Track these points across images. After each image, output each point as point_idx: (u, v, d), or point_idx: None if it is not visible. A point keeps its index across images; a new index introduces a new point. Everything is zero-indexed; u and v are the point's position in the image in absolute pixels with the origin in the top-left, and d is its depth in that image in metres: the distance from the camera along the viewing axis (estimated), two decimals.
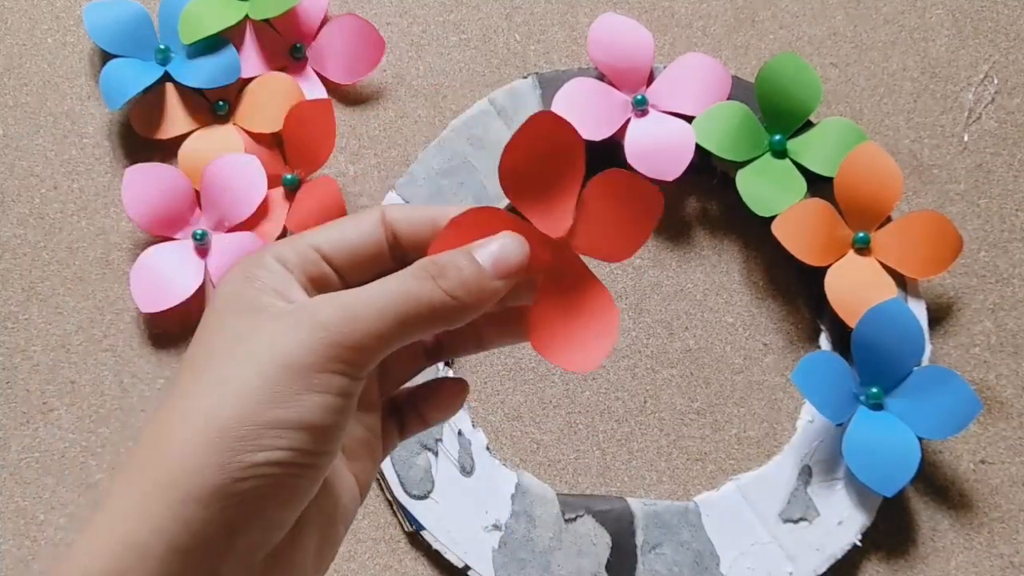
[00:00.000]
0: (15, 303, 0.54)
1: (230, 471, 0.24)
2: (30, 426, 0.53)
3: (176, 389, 0.26)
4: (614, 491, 0.52)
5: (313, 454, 0.26)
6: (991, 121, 0.57)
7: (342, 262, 0.29)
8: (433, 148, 0.55)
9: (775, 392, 0.53)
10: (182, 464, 0.24)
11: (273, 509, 0.25)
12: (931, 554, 0.51)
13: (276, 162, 0.56)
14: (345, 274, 0.29)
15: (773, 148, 0.54)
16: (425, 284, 0.27)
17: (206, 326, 0.28)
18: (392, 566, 0.51)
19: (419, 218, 0.30)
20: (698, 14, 0.59)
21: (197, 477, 0.24)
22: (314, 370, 0.25)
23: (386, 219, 0.30)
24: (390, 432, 0.33)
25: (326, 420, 0.26)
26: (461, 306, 0.27)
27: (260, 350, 0.25)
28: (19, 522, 0.52)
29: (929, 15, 0.59)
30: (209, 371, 0.26)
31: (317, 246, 0.29)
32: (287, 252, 0.29)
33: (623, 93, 0.55)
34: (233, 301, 0.27)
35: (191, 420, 0.25)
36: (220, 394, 0.25)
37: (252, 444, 0.24)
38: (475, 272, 0.27)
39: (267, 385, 0.25)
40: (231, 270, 0.29)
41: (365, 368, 0.26)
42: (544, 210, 0.29)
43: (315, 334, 0.25)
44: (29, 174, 0.56)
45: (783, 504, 0.50)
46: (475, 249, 0.28)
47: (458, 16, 0.59)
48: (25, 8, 0.59)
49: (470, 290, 0.27)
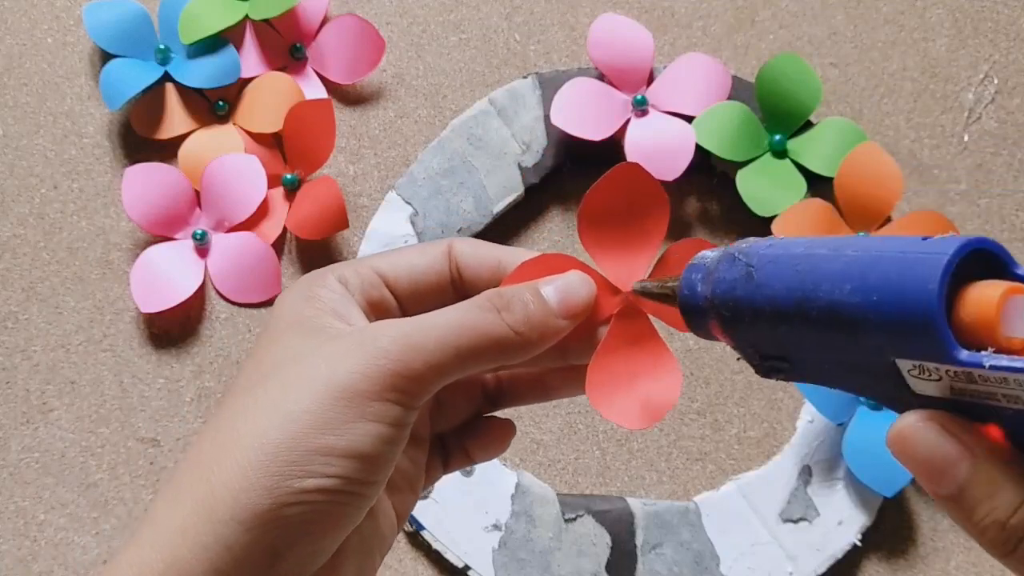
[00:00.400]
0: (15, 303, 0.54)
1: (277, 495, 0.24)
2: (30, 426, 0.53)
3: (227, 407, 0.26)
4: (614, 491, 0.52)
5: (362, 483, 0.25)
6: (991, 121, 0.57)
7: (404, 289, 0.29)
8: (433, 148, 0.55)
9: (775, 392, 0.53)
10: (228, 486, 0.24)
11: (317, 536, 0.25)
12: (931, 554, 0.51)
13: (276, 162, 0.56)
14: (405, 302, 0.29)
15: (773, 148, 0.54)
16: (489, 316, 0.26)
17: (262, 343, 0.27)
18: (392, 566, 0.51)
19: (486, 255, 0.29)
20: (698, 14, 0.59)
21: (243, 500, 0.24)
22: (369, 398, 0.25)
23: (453, 252, 0.29)
24: (434, 465, 0.32)
25: (377, 449, 0.25)
26: (524, 342, 0.26)
27: (316, 374, 0.25)
28: (19, 522, 0.52)
29: (929, 15, 0.59)
30: (263, 391, 0.25)
31: (380, 271, 0.29)
32: (349, 274, 0.28)
33: (623, 93, 0.55)
34: (291, 319, 0.27)
35: (241, 442, 0.24)
36: (271, 417, 0.24)
37: (301, 470, 0.24)
38: (541, 308, 0.27)
39: (320, 410, 0.24)
40: (291, 288, 0.28)
41: (421, 399, 0.26)
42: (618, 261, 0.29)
43: (374, 361, 0.25)
44: (29, 174, 0.56)
45: (783, 504, 0.50)
46: (542, 285, 0.27)
47: (458, 16, 0.59)
48: (25, 8, 0.59)
49: (534, 326, 0.27)
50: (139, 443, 0.53)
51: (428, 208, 0.54)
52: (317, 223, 0.54)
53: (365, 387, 0.25)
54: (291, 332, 0.27)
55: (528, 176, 0.55)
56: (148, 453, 0.53)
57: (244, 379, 0.26)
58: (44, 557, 0.51)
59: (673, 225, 0.56)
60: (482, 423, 0.32)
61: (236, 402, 0.26)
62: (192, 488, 0.24)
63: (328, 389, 0.25)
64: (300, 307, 0.27)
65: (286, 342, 0.26)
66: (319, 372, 0.25)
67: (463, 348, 0.26)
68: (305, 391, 0.25)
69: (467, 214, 0.54)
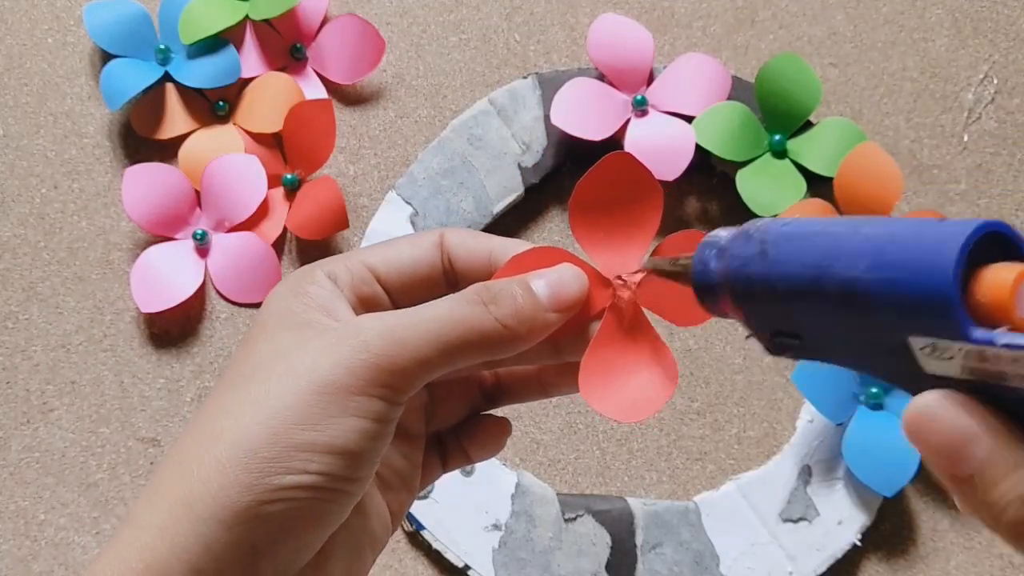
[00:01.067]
0: (15, 303, 0.55)
1: (257, 493, 0.23)
2: (30, 426, 0.53)
3: (210, 404, 0.26)
4: (614, 491, 0.52)
5: (345, 480, 0.25)
6: (991, 121, 0.57)
7: (394, 283, 0.28)
8: (433, 148, 0.55)
9: (775, 392, 0.53)
10: (207, 483, 0.24)
11: (299, 533, 0.25)
12: (931, 554, 0.51)
13: (276, 162, 0.56)
14: (396, 294, 0.29)
15: (773, 148, 0.54)
16: (476, 310, 0.26)
17: (250, 339, 0.27)
18: (392, 566, 0.51)
19: (477, 246, 0.29)
20: (698, 14, 0.59)
21: (222, 497, 0.23)
22: (352, 392, 0.24)
23: (444, 243, 0.29)
24: (432, 464, 0.31)
25: (360, 445, 0.25)
26: (512, 336, 0.26)
27: (299, 368, 0.25)
28: (19, 522, 0.52)
29: (929, 15, 0.59)
30: (247, 387, 0.25)
31: (370, 265, 0.28)
32: (339, 269, 0.28)
33: (623, 93, 0.55)
34: (279, 315, 0.27)
35: (222, 438, 0.24)
36: (253, 413, 0.24)
37: (281, 466, 0.24)
38: (530, 302, 0.26)
39: (301, 405, 0.24)
40: (281, 283, 0.28)
41: (406, 393, 0.25)
42: (611, 254, 0.28)
43: (357, 355, 0.25)
44: (29, 174, 0.56)
45: (783, 504, 0.50)
46: (532, 278, 0.27)
47: (458, 16, 0.59)
48: (25, 8, 0.59)
49: (522, 320, 0.26)
50: (139, 443, 0.53)
51: (428, 208, 0.54)
52: (317, 223, 0.54)
53: (348, 382, 0.24)
54: (278, 328, 0.26)
55: (528, 176, 0.55)
56: (148, 453, 0.53)
57: (230, 376, 0.26)
58: (44, 557, 0.51)
59: (673, 225, 0.56)
60: (478, 421, 0.32)
61: (219, 399, 0.25)
62: (172, 486, 0.24)
63: (310, 384, 0.24)
64: (288, 303, 0.27)
65: (272, 338, 0.26)
66: (301, 367, 0.25)
67: (449, 342, 0.25)
68: (287, 387, 0.24)
69: (467, 214, 0.54)
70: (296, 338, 0.26)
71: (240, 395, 0.25)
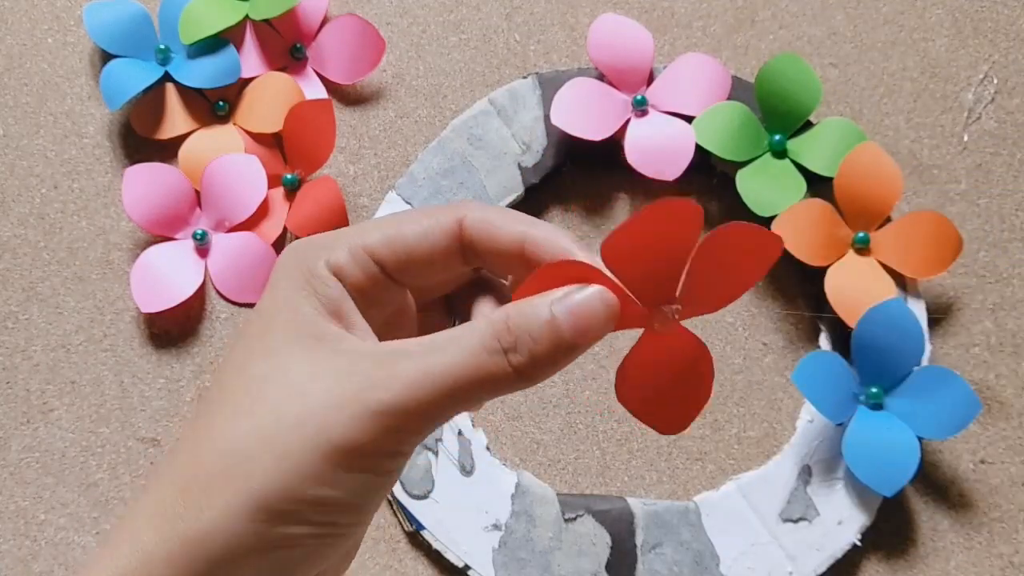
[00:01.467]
0: (15, 303, 0.55)
1: (267, 539, 0.24)
2: (30, 426, 0.53)
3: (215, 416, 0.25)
4: (614, 491, 0.52)
5: (351, 525, 0.25)
6: (991, 121, 0.57)
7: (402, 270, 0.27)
8: (433, 148, 0.55)
9: (775, 392, 0.53)
10: (215, 526, 0.24)
11: (301, 569, 0.25)
12: (931, 554, 0.51)
13: (276, 162, 0.56)
14: (397, 275, 0.27)
15: (773, 148, 0.54)
16: (495, 359, 0.24)
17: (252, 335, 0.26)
18: (392, 566, 0.51)
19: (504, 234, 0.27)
20: (698, 14, 0.59)
21: (233, 543, 0.24)
22: (367, 453, 0.24)
23: (464, 226, 0.27)
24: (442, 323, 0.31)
25: (366, 499, 0.25)
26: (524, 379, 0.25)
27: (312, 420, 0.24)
28: (19, 522, 0.52)
29: (929, 15, 0.59)
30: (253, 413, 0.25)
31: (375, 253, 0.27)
32: (342, 260, 0.27)
33: (623, 93, 0.55)
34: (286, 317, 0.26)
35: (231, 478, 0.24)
36: (264, 461, 0.24)
37: (294, 518, 0.24)
38: (551, 342, 0.25)
39: (317, 462, 0.24)
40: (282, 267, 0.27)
41: (415, 446, 0.26)
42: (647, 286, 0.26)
43: (375, 420, 0.24)
44: (29, 174, 0.56)
45: (783, 504, 0.50)
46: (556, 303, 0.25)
47: (458, 16, 0.59)
48: (25, 8, 0.59)
49: (538, 364, 0.25)
50: (139, 443, 0.53)
51: None
52: (317, 223, 0.54)
53: (363, 441, 0.24)
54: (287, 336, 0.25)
55: (528, 176, 0.55)
56: (148, 453, 0.53)
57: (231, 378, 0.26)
58: (44, 557, 0.51)
59: None
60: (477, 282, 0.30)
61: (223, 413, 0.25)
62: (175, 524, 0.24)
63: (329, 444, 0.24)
64: (297, 301, 0.26)
65: (280, 349, 0.25)
66: (314, 419, 0.24)
67: (462, 391, 0.24)
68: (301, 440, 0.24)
69: None
70: (308, 360, 0.25)
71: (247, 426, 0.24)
